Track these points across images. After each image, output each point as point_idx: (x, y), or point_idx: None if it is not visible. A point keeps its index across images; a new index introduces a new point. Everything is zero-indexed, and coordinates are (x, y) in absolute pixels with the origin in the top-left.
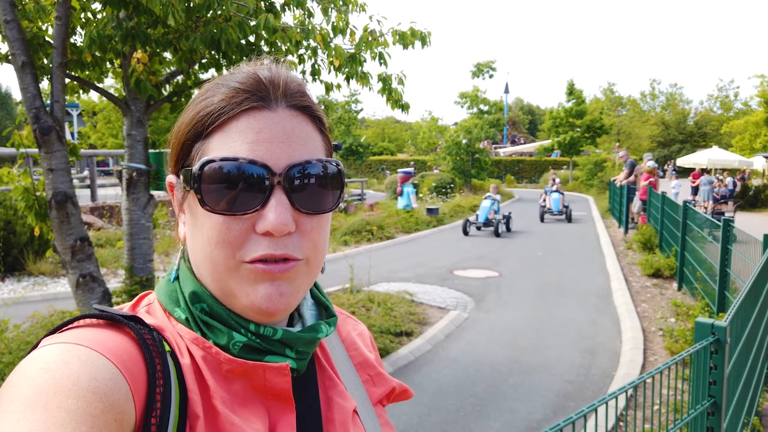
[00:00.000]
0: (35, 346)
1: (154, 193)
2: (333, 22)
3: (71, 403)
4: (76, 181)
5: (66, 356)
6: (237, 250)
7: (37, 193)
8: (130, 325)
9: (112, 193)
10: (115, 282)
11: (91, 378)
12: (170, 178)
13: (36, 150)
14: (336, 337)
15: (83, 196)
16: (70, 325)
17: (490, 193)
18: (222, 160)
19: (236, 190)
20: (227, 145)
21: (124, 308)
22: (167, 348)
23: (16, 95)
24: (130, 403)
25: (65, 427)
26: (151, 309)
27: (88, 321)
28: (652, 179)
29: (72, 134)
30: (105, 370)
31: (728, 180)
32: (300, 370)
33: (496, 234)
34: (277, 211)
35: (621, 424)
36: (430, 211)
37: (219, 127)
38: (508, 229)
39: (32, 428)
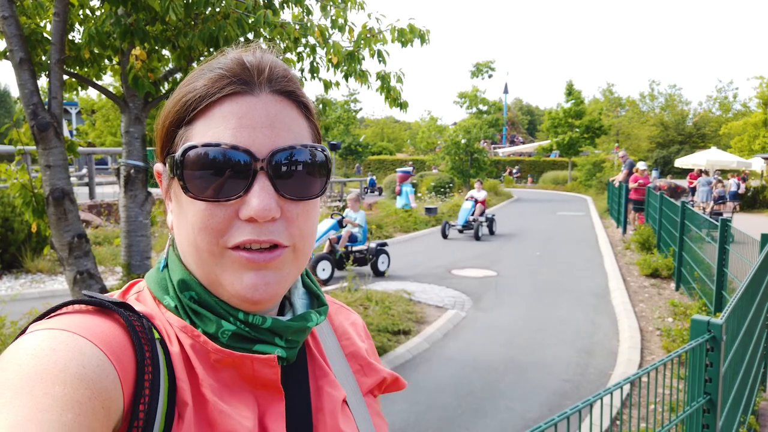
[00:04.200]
0: (23, 332)
1: (152, 190)
2: (332, 17)
3: (58, 389)
4: (74, 179)
5: (53, 343)
6: (220, 237)
7: (35, 190)
8: (119, 311)
9: (110, 191)
10: (112, 279)
11: (79, 364)
12: (157, 166)
13: (34, 147)
14: (328, 327)
15: (81, 193)
16: (58, 311)
17: (346, 213)
18: (204, 146)
19: (219, 176)
20: (210, 131)
21: (114, 295)
22: (156, 335)
23: (14, 92)
24: (118, 390)
25: (51, 413)
26: (141, 296)
27: (76, 307)
28: (641, 181)
29: (71, 132)
30: (92, 356)
31: (731, 181)
32: (290, 359)
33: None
34: (260, 196)
35: (617, 422)
36: (428, 210)
37: (202, 113)
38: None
39: (18, 414)
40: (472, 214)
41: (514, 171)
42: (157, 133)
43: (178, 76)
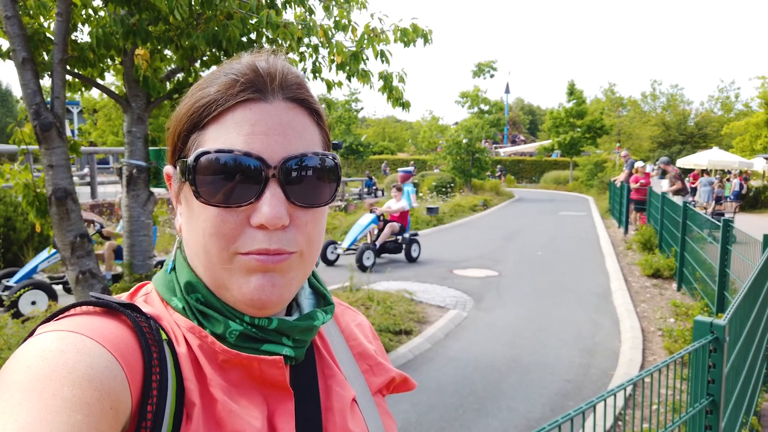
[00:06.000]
0: (31, 334)
1: (154, 190)
2: (335, 17)
3: (67, 391)
4: (76, 179)
5: (62, 344)
6: (231, 243)
7: (38, 190)
8: (127, 313)
9: (112, 190)
10: None
11: (87, 366)
12: (167, 169)
13: (37, 146)
14: (335, 328)
15: (83, 193)
16: (66, 313)
17: None
18: (217, 151)
19: (231, 182)
20: (223, 137)
21: (122, 297)
22: (164, 336)
23: (17, 92)
24: (126, 391)
25: (60, 414)
26: (149, 298)
27: (84, 309)
28: (643, 180)
29: (72, 132)
30: (101, 358)
31: (734, 181)
32: (298, 358)
33: None
34: (271, 203)
35: (619, 423)
36: (430, 210)
37: (215, 119)
38: None
39: (28, 416)
40: (376, 235)
41: (497, 171)
42: (168, 136)
43: (181, 76)
